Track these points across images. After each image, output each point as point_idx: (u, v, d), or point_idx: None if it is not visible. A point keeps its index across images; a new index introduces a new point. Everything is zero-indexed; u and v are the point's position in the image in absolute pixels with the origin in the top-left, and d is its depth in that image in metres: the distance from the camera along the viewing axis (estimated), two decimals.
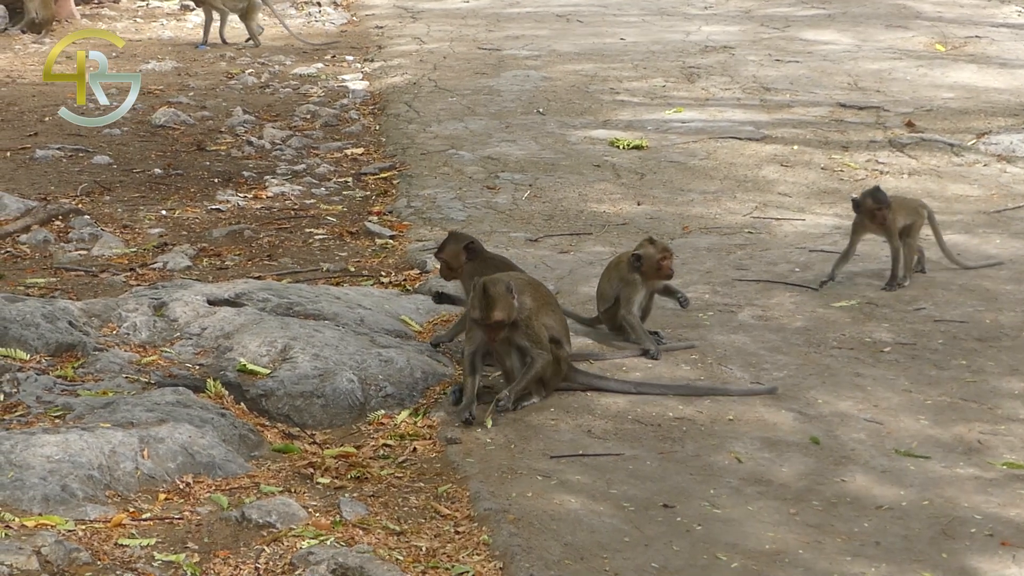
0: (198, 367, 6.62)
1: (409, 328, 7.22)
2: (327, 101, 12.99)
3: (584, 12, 16.93)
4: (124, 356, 6.67)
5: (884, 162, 10.53)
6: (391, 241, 8.91)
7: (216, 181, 10.39)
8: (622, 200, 9.70)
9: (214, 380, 6.38)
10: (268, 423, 6.24)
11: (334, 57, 15.22)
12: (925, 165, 10.47)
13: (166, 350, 6.80)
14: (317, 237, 9.06)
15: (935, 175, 10.24)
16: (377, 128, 12.00)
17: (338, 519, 5.26)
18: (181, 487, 5.47)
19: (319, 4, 18.56)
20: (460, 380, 6.39)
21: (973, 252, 8.45)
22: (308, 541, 5.04)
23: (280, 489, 5.52)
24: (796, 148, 10.89)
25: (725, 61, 13.91)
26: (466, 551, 5.05)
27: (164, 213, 9.57)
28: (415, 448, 5.93)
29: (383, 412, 6.32)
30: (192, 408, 5.97)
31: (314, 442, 6.06)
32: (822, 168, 10.43)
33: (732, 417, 6.22)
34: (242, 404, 6.29)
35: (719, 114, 11.90)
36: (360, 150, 11.30)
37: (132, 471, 5.46)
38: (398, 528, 5.23)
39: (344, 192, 10.15)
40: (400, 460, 5.83)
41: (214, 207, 9.72)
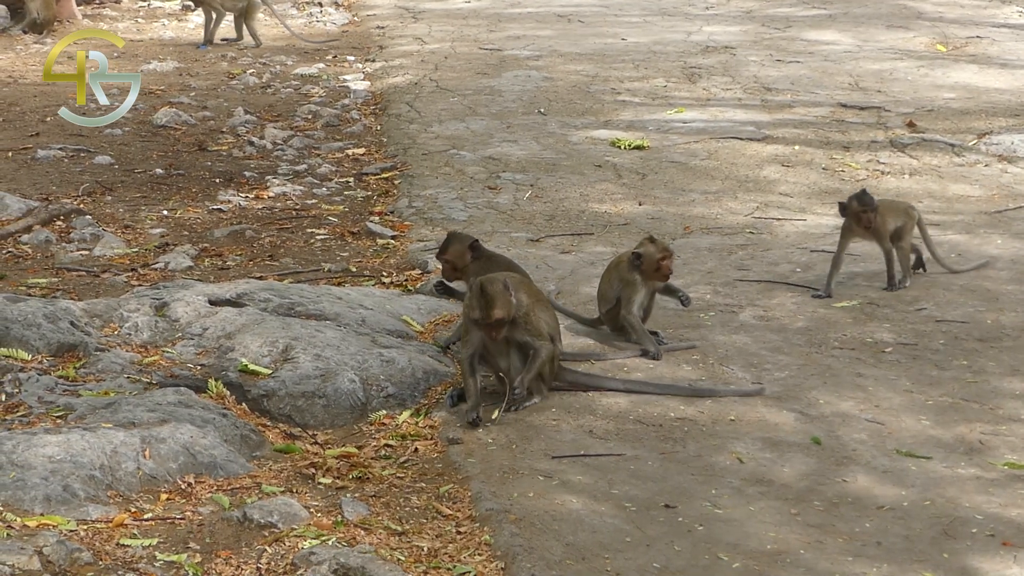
0: (200, 367, 6.62)
1: (411, 328, 7.22)
2: (328, 101, 12.99)
3: (585, 12, 16.93)
4: (126, 356, 6.67)
5: (885, 162, 10.52)
6: (392, 241, 8.91)
7: (217, 181, 10.39)
8: (623, 200, 9.70)
9: (216, 380, 6.38)
10: (270, 423, 6.24)
11: (335, 57, 15.21)
12: (926, 165, 10.47)
13: (167, 350, 6.80)
14: (318, 237, 9.07)
15: (936, 175, 10.24)
16: (378, 128, 12.00)
17: (340, 519, 5.26)
18: (183, 487, 5.47)
19: (320, 4, 18.55)
20: (459, 381, 6.39)
21: (974, 252, 8.45)
22: (310, 541, 5.04)
23: (282, 489, 5.52)
24: (797, 148, 10.88)
25: (726, 61, 13.90)
26: (468, 551, 5.05)
27: (165, 213, 9.57)
28: (417, 448, 5.93)
29: (385, 412, 6.32)
30: (194, 408, 5.98)
31: (316, 442, 6.06)
32: (823, 168, 10.43)
33: (733, 417, 6.22)
34: (243, 404, 6.30)
35: (720, 114, 11.89)
36: (361, 150, 11.30)
37: (134, 471, 5.46)
38: (400, 528, 5.23)
39: (345, 192, 10.15)
40: (402, 460, 5.84)
41: (215, 207, 9.72)
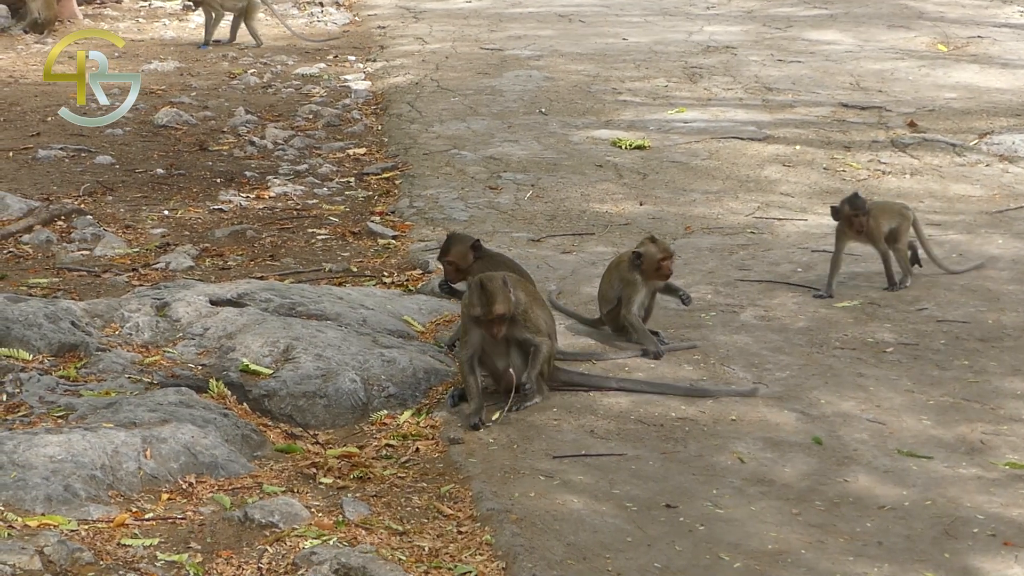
0: (201, 367, 6.62)
1: (412, 328, 7.22)
2: (329, 101, 12.99)
3: (586, 12, 16.92)
4: (127, 356, 6.67)
5: (886, 162, 10.52)
6: (393, 241, 8.91)
7: (218, 181, 10.39)
8: (624, 200, 9.70)
9: (217, 380, 6.38)
10: (271, 423, 6.24)
11: (336, 57, 15.21)
12: (927, 165, 10.47)
13: (168, 350, 6.80)
14: (319, 237, 9.06)
15: (937, 175, 10.24)
16: (379, 128, 12.00)
17: (341, 519, 5.26)
18: (184, 487, 5.47)
19: (321, 4, 18.55)
20: (460, 381, 6.39)
21: (975, 252, 8.44)
22: (311, 541, 5.04)
23: (283, 489, 5.52)
24: (798, 148, 10.88)
25: (727, 61, 13.90)
26: (469, 551, 5.05)
27: (166, 213, 9.57)
28: (418, 448, 5.93)
29: (386, 412, 6.32)
30: (195, 408, 5.98)
31: (317, 442, 6.06)
32: (824, 168, 10.43)
33: (735, 417, 6.21)
34: (245, 404, 6.30)
35: (721, 114, 11.89)
36: (362, 150, 11.30)
37: (135, 471, 5.46)
38: (401, 528, 5.23)
39: (346, 192, 10.15)
40: (403, 460, 5.83)
41: (216, 207, 9.72)
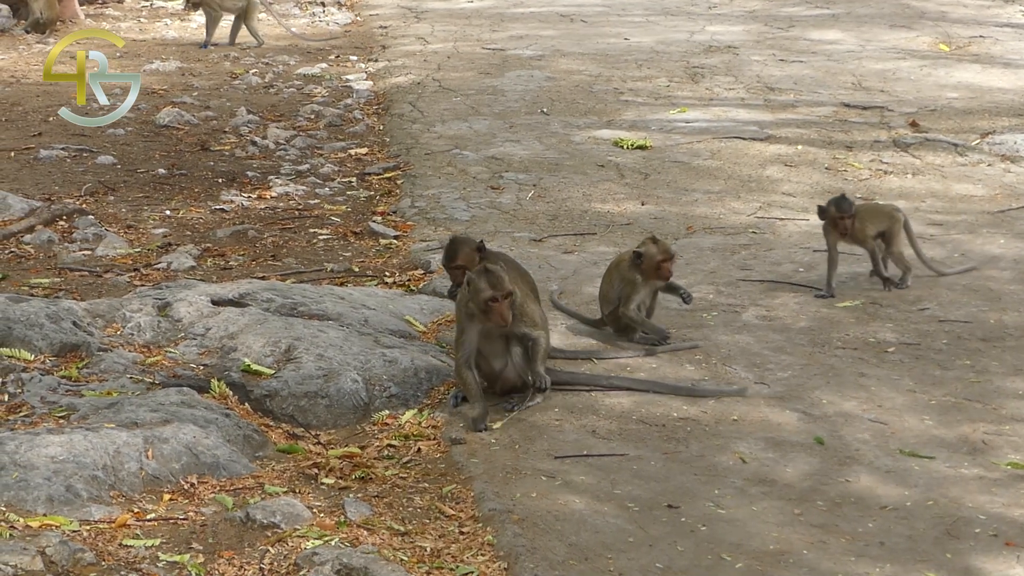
0: (202, 367, 6.62)
1: (413, 328, 7.22)
2: (331, 101, 12.99)
3: (588, 12, 16.92)
4: (128, 356, 6.67)
5: (888, 162, 10.52)
6: (395, 241, 8.90)
7: (220, 181, 10.40)
8: (626, 200, 9.70)
9: (218, 380, 6.38)
10: (272, 423, 6.24)
11: (338, 57, 15.22)
12: (929, 165, 10.46)
13: (170, 350, 6.80)
14: (321, 237, 9.06)
15: (939, 175, 10.23)
16: (381, 128, 12.00)
17: (342, 519, 5.26)
18: (185, 487, 5.47)
19: (323, 4, 18.55)
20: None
21: (977, 252, 8.44)
22: (312, 541, 5.04)
23: (284, 489, 5.52)
24: (800, 148, 10.88)
25: (729, 61, 13.90)
26: (470, 551, 5.05)
27: (168, 213, 9.57)
28: (419, 448, 5.93)
29: (387, 412, 6.32)
30: (196, 408, 5.98)
31: (318, 442, 6.06)
32: (826, 168, 10.42)
33: (736, 417, 6.21)
34: (246, 404, 6.29)
35: (723, 114, 11.89)
36: (364, 150, 11.30)
37: (136, 471, 5.46)
38: (402, 528, 5.23)
39: (348, 192, 10.15)
40: (404, 460, 5.83)
41: (218, 207, 9.72)
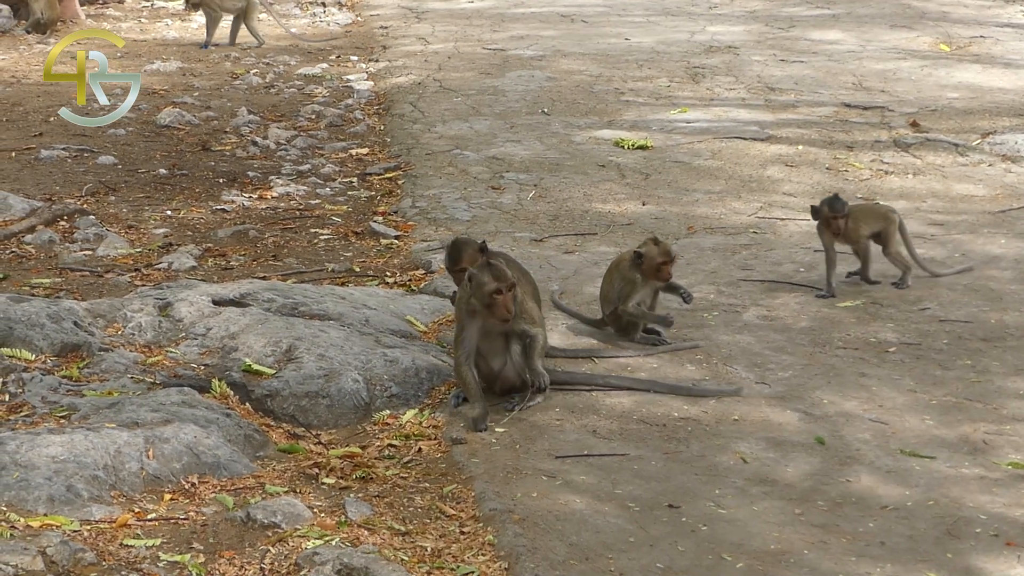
0: (203, 367, 6.62)
1: (414, 328, 7.22)
2: (332, 101, 13.00)
3: (589, 12, 16.93)
4: (129, 356, 6.67)
5: (889, 162, 10.52)
6: (396, 241, 8.91)
7: (221, 181, 10.40)
8: (627, 200, 9.69)
9: (219, 380, 6.38)
10: (273, 423, 6.24)
11: (339, 57, 15.22)
12: (930, 165, 10.46)
13: (171, 350, 6.80)
14: (322, 237, 9.06)
15: (940, 175, 10.23)
16: (382, 128, 12.00)
17: (343, 519, 5.26)
18: (186, 487, 5.47)
19: (324, 4, 18.56)
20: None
21: (978, 252, 8.44)
22: (313, 541, 5.04)
23: (285, 489, 5.52)
24: (801, 148, 10.88)
25: (730, 61, 13.90)
26: (471, 551, 5.05)
27: (169, 213, 9.58)
28: (420, 448, 5.93)
29: (388, 412, 6.32)
30: (197, 408, 5.98)
31: (319, 442, 6.06)
32: (827, 168, 10.42)
33: (737, 417, 6.21)
34: (247, 404, 6.30)
35: (724, 114, 11.89)
36: (365, 150, 11.30)
37: (137, 471, 5.46)
38: (403, 528, 5.23)
39: (349, 192, 10.15)
40: (405, 460, 5.84)
41: (219, 207, 9.72)
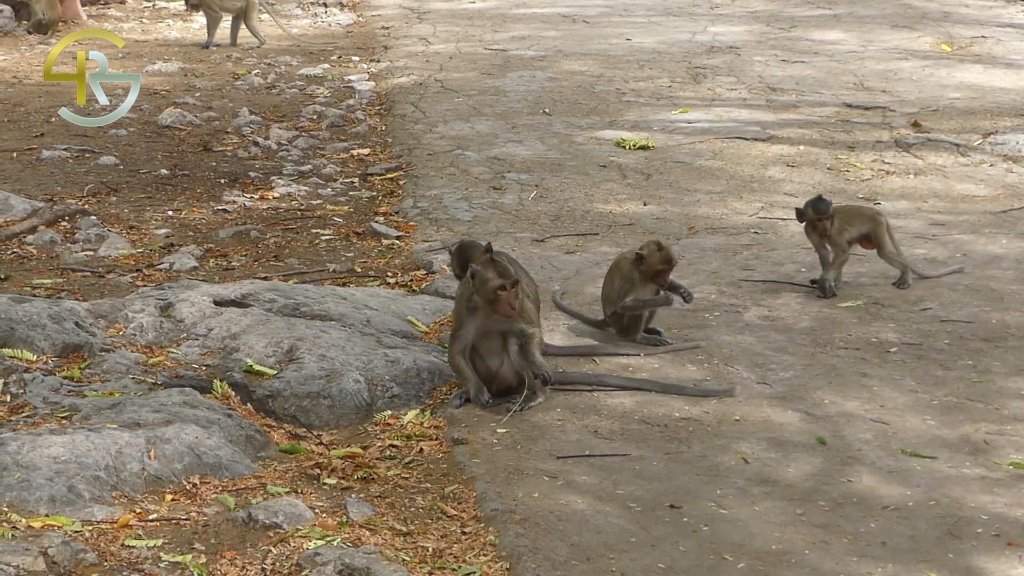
0: (204, 368, 6.63)
1: (416, 329, 7.22)
2: (333, 102, 13.00)
3: (590, 13, 16.92)
4: (131, 357, 6.67)
5: (890, 162, 10.52)
6: (397, 242, 8.91)
7: (222, 182, 10.40)
8: (628, 200, 9.70)
9: (220, 381, 6.38)
10: (275, 424, 6.25)
11: (340, 58, 15.22)
12: (931, 165, 10.46)
13: (172, 351, 6.81)
14: (323, 238, 9.07)
15: (941, 175, 10.23)
16: (383, 129, 12.00)
17: (345, 520, 5.26)
18: (188, 488, 5.47)
19: (325, 4, 18.55)
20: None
21: (979, 252, 8.44)
22: (315, 542, 5.04)
23: (287, 490, 5.53)
24: (802, 148, 10.88)
25: (731, 61, 13.90)
26: (473, 552, 5.05)
27: (170, 214, 9.58)
28: (422, 448, 5.94)
29: (390, 412, 6.32)
30: (198, 409, 5.98)
31: (320, 443, 6.06)
32: (828, 168, 10.42)
33: (738, 417, 6.21)
34: (248, 405, 6.30)
35: (725, 114, 11.89)
36: (366, 150, 11.30)
37: (138, 472, 5.46)
38: (405, 529, 5.24)
39: (350, 193, 10.15)
40: (407, 460, 5.84)
41: (220, 208, 9.72)
